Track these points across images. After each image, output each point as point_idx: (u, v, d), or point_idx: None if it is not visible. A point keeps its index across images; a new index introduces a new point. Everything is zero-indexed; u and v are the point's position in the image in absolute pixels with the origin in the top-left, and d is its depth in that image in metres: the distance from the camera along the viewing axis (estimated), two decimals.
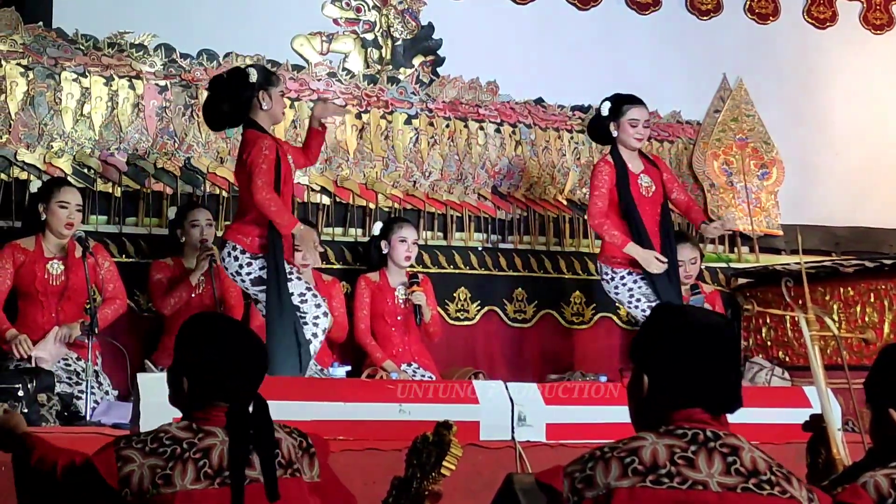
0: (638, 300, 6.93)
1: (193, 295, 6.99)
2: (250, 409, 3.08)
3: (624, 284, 6.98)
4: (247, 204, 6.08)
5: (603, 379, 6.77)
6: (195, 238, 7.01)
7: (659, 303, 4.97)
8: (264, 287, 6.04)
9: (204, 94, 7.58)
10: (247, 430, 3.03)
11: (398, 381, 6.14)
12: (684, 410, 2.62)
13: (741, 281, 8.60)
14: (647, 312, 6.78)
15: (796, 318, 4.52)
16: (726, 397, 2.67)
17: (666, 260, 6.93)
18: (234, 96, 6.13)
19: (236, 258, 6.06)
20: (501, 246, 8.28)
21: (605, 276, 7.08)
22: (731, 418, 2.70)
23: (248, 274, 6.06)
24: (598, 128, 7.24)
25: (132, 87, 7.56)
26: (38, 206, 6.57)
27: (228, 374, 3.11)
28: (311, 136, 6.51)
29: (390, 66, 8.34)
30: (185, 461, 2.97)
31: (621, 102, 7.10)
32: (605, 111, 7.12)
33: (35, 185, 6.85)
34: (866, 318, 7.59)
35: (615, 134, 7.07)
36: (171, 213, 7.30)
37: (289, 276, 6.05)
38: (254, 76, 6.12)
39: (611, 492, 2.50)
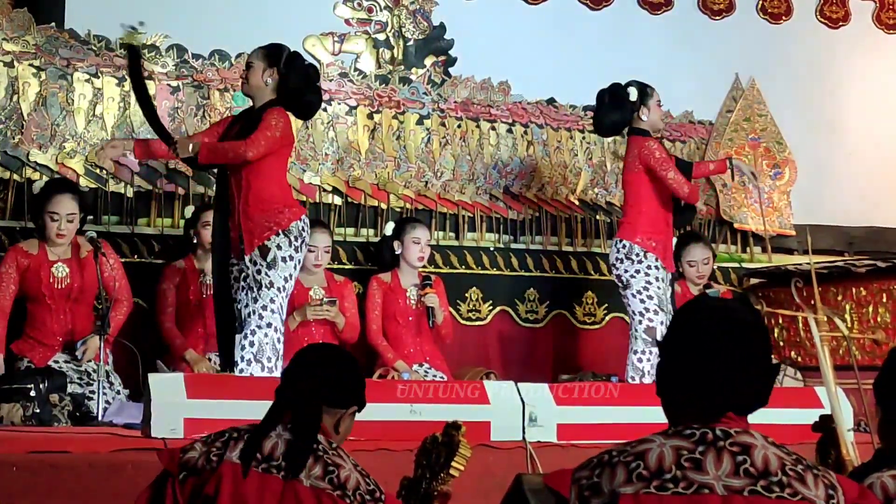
0: (650, 297, 6.91)
1: (205, 295, 6.98)
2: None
3: (647, 275, 6.97)
4: None
5: (614, 379, 6.77)
6: (205, 239, 7.01)
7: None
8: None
9: (216, 95, 7.62)
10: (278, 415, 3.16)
11: (409, 381, 6.15)
12: (690, 411, 2.58)
13: (753, 281, 8.58)
14: (648, 313, 6.84)
15: (807, 319, 4.52)
16: (728, 402, 2.58)
17: None
18: None
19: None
20: (513, 246, 8.28)
21: (631, 256, 7.00)
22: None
23: None
24: (626, 113, 7.19)
25: None
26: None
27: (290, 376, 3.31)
28: None
29: (402, 67, 8.34)
30: (237, 440, 3.09)
31: (644, 86, 7.16)
32: (634, 96, 7.13)
33: (38, 186, 6.80)
34: (878, 319, 7.57)
35: (645, 118, 7.11)
36: (188, 212, 7.30)
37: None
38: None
39: (615, 498, 2.47)
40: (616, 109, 7.21)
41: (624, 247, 7.05)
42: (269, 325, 6.02)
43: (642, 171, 7.05)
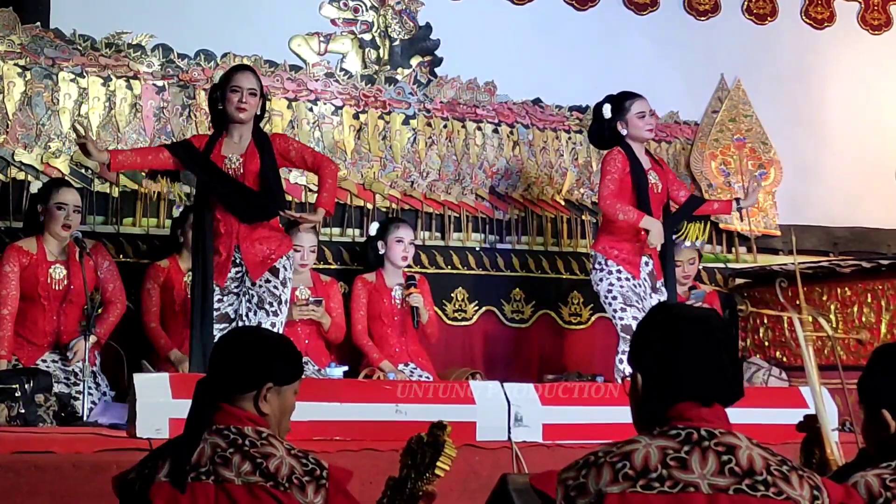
0: (614, 297, 6.83)
1: (190, 296, 6.97)
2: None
3: (609, 278, 6.91)
4: None
5: (600, 379, 6.77)
6: (191, 240, 7.00)
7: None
8: None
9: (202, 94, 7.61)
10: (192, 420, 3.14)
11: (395, 381, 6.15)
12: (677, 406, 2.60)
13: (739, 281, 8.60)
14: (617, 313, 6.79)
15: (791, 319, 4.53)
16: (719, 386, 2.63)
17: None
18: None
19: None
20: (499, 246, 8.27)
21: (595, 266, 6.97)
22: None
23: None
24: (603, 131, 7.12)
25: (130, 87, 7.56)
26: (37, 207, 6.58)
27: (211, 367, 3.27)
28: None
29: (388, 67, 8.34)
30: (164, 458, 3.06)
31: (622, 100, 7.04)
32: (607, 113, 7.04)
33: (35, 186, 6.84)
34: (863, 319, 7.59)
35: (624, 132, 6.97)
36: (176, 212, 7.30)
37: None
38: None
39: (601, 498, 2.49)
40: (597, 125, 7.20)
41: (593, 257, 7.08)
42: None
43: None
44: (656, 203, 6.98)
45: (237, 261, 6.15)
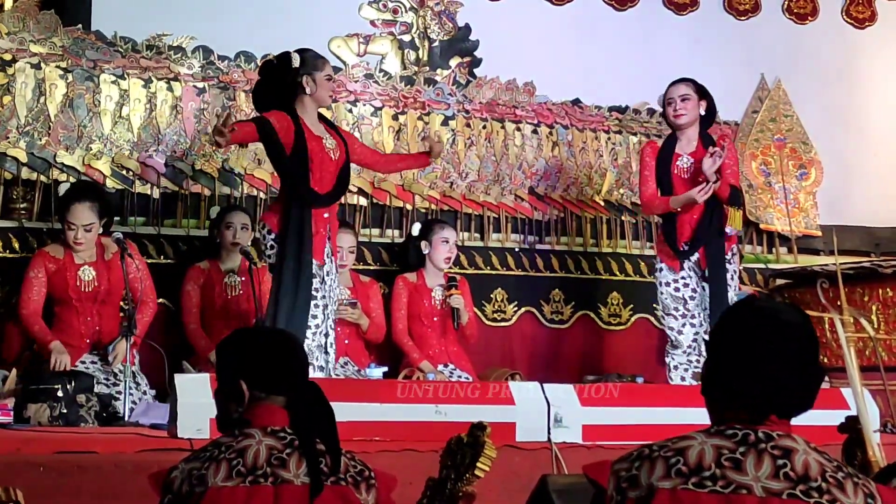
0: (659, 304, 6.97)
1: (230, 296, 7.01)
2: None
3: (659, 287, 6.98)
4: None
5: (640, 380, 6.75)
6: (227, 240, 7.03)
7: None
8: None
9: (242, 96, 7.64)
10: (309, 414, 3.09)
11: (435, 381, 6.15)
12: (730, 410, 2.58)
13: (779, 282, 8.56)
14: (663, 320, 6.85)
15: (833, 319, 4.51)
16: (772, 400, 2.58)
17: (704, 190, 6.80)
18: (278, 80, 6.18)
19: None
20: (538, 247, 8.27)
21: (655, 268, 7.11)
22: None
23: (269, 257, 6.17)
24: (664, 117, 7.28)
25: (170, 88, 7.60)
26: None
27: (281, 359, 3.20)
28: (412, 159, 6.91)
29: (427, 68, 8.35)
30: (219, 461, 2.98)
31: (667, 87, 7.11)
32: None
33: (63, 188, 6.86)
34: None
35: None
36: (214, 212, 7.33)
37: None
38: (296, 61, 6.13)
39: (652, 492, 2.48)
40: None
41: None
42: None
43: None
44: (684, 189, 6.91)
45: (329, 236, 6.21)
